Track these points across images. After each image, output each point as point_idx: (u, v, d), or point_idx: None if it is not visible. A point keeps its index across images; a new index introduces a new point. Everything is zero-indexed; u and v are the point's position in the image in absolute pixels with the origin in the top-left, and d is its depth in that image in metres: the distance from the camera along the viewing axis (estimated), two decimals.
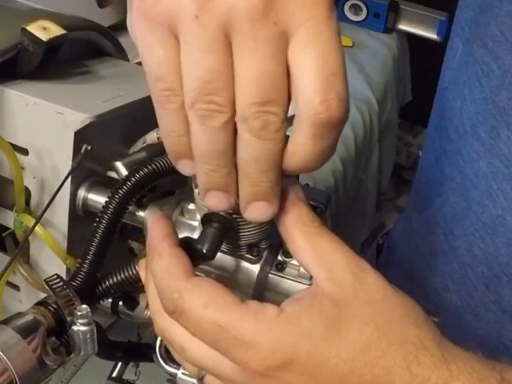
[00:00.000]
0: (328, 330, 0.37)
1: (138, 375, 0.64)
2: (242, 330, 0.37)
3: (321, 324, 0.37)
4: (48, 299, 0.46)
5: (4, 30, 0.56)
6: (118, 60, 0.71)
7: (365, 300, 0.38)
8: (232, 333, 0.37)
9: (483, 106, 0.52)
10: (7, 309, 0.61)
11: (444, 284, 0.59)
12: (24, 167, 0.56)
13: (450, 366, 0.36)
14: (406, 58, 1.73)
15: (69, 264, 0.56)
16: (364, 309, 0.37)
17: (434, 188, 0.59)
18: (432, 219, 0.60)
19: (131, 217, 0.55)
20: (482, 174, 0.53)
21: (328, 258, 0.39)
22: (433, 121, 0.62)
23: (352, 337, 0.37)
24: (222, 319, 0.38)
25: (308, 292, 0.39)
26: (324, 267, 0.39)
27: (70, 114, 0.53)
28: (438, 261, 0.59)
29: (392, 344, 0.37)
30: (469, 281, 0.56)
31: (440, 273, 0.59)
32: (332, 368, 0.37)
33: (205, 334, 0.38)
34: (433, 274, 0.60)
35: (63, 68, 0.62)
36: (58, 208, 0.55)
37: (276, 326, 0.37)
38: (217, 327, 0.38)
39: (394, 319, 0.37)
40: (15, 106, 0.56)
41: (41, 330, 0.44)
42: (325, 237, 0.40)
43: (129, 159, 0.57)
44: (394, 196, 2.35)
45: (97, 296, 0.50)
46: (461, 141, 0.55)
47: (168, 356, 0.53)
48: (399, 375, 0.36)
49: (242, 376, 0.38)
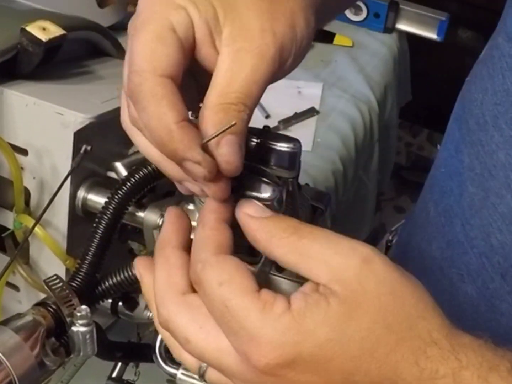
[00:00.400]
0: (333, 331, 0.36)
1: (138, 375, 0.64)
2: (246, 318, 0.37)
3: (326, 324, 0.36)
4: (48, 300, 0.46)
5: (4, 31, 0.56)
6: (118, 60, 0.71)
7: (373, 295, 0.37)
8: (236, 319, 0.37)
9: (504, 98, 0.52)
10: (7, 310, 0.61)
11: (459, 275, 0.58)
12: (24, 168, 0.56)
13: (459, 356, 0.36)
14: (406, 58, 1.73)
15: (68, 264, 0.56)
16: (373, 305, 0.37)
17: (453, 179, 0.59)
18: (450, 209, 0.59)
19: (130, 217, 0.55)
20: (501, 165, 0.53)
21: (324, 261, 0.38)
22: (455, 113, 0.63)
23: (361, 336, 0.36)
24: (231, 303, 0.38)
25: (317, 288, 0.39)
26: (324, 272, 0.38)
27: (70, 115, 0.53)
28: (455, 252, 0.59)
29: (400, 340, 0.36)
30: (485, 271, 0.55)
31: (456, 264, 0.59)
32: (337, 366, 0.36)
33: (214, 311, 0.38)
34: (449, 265, 0.60)
35: (62, 68, 0.62)
36: (57, 209, 0.55)
37: (279, 323, 0.37)
38: (224, 308, 0.37)
39: (403, 313, 0.37)
40: (14, 107, 0.55)
41: (40, 331, 0.44)
42: (307, 240, 0.39)
43: (129, 160, 0.57)
44: (394, 196, 2.34)
45: (96, 297, 0.50)
46: (481, 132, 0.55)
47: (167, 357, 0.53)
48: (407, 370, 0.36)
49: (244, 370, 0.38)
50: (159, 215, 0.54)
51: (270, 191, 0.45)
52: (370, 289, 0.37)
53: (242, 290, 0.38)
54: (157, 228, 0.54)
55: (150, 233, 0.55)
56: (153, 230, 0.55)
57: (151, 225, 0.54)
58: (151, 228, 0.55)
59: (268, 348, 0.36)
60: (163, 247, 0.42)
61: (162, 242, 0.43)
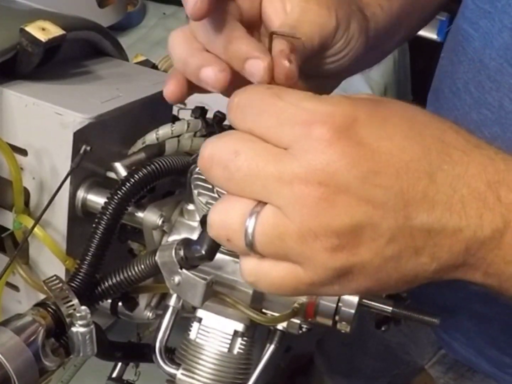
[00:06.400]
0: (380, 103, 0.37)
1: (138, 375, 0.64)
2: (300, 102, 0.36)
3: (372, 100, 0.38)
4: (47, 300, 0.46)
5: (3, 31, 0.56)
6: (118, 60, 0.71)
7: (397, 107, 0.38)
8: (289, 103, 0.36)
9: (470, 66, 0.59)
10: (7, 310, 0.61)
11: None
12: (23, 168, 0.56)
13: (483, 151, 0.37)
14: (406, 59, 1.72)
15: (68, 265, 0.56)
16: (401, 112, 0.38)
17: None
18: None
19: (130, 217, 0.55)
20: (474, 123, 0.59)
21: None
22: (432, 86, 0.70)
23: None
24: (282, 92, 0.37)
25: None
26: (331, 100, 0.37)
27: (69, 115, 0.53)
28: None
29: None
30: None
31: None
32: (395, 123, 0.36)
33: (264, 106, 0.37)
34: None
35: (62, 68, 0.62)
36: (57, 209, 0.55)
37: (331, 98, 0.36)
38: (276, 98, 0.36)
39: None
40: (14, 107, 0.55)
41: (40, 332, 0.43)
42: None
43: (128, 160, 0.57)
44: None
45: (96, 297, 0.50)
46: (455, 98, 0.62)
47: (167, 357, 0.53)
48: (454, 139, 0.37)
49: (312, 155, 0.35)
50: (158, 215, 0.54)
51: None
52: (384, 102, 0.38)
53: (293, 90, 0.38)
54: (156, 228, 0.54)
55: (150, 233, 0.55)
56: (152, 230, 0.55)
57: (150, 225, 0.54)
58: (151, 228, 0.55)
59: (326, 115, 0.35)
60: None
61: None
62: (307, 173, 0.34)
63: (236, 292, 0.52)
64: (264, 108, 0.36)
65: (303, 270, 0.36)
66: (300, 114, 0.35)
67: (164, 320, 0.53)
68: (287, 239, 0.35)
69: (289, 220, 0.35)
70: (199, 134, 0.62)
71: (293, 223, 0.35)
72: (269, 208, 0.36)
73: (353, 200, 0.34)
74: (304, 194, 0.34)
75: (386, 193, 0.35)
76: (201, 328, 0.54)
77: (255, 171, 0.35)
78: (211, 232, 0.38)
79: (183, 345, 0.54)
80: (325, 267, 0.35)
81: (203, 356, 0.53)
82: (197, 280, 0.46)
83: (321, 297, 0.52)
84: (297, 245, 0.35)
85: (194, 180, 0.49)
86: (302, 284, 0.37)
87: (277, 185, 0.35)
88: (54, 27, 0.56)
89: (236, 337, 0.54)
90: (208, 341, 0.53)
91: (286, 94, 0.37)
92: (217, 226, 0.37)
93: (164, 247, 0.48)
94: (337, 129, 0.35)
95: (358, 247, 0.35)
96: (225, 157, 0.36)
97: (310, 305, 0.52)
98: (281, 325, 0.54)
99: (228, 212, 0.37)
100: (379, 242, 0.35)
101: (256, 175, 0.35)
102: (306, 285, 0.37)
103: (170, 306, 0.53)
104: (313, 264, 0.36)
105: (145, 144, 0.59)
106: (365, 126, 0.35)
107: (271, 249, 0.36)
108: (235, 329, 0.54)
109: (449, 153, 0.36)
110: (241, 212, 0.36)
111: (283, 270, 0.37)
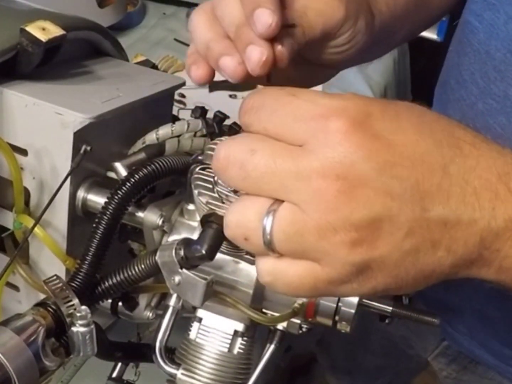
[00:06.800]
0: (388, 101, 0.38)
1: (138, 375, 0.64)
2: (315, 98, 0.36)
3: (380, 99, 0.40)
4: (48, 300, 0.46)
5: (3, 31, 0.56)
6: (118, 60, 0.71)
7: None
8: (304, 100, 0.36)
9: (476, 57, 0.60)
10: (7, 310, 0.61)
11: None
12: (23, 168, 0.56)
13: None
14: (406, 59, 1.72)
15: (68, 265, 0.56)
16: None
17: None
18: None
19: (130, 217, 0.55)
20: (480, 113, 0.60)
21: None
22: (440, 80, 0.72)
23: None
24: (296, 91, 0.37)
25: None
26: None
27: (69, 115, 0.53)
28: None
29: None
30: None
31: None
32: (407, 118, 0.37)
33: (279, 103, 0.37)
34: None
35: (62, 68, 0.62)
36: (57, 209, 0.55)
37: (344, 95, 0.37)
38: (291, 97, 0.37)
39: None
40: (14, 107, 0.55)
41: (40, 331, 0.43)
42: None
43: (129, 160, 0.57)
44: None
45: (96, 297, 0.50)
46: (462, 89, 0.63)
47: (167, 357, 0.53)
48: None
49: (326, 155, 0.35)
50: (158, 215, 0.54)
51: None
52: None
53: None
54: (156, 228, 0.54)
55: (150, 233, 0.55)
56: (153, 230, 0.55)
57: (150, 225, 0.54)
58: (151, 228, 0.55)
59: (340, 109, 0.36)
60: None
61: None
62: (325, 167, 0.35)
63: (236, 292, 0.52)
64: (279, 107, 0.37)
65: (322, 267, 0.36)
66: (315, 109, 0.36)
67: (164, 320, 0.53)
68: (305, 235, 0.35)
69: (307, 216, 0.35)
70: (199, 134, 0.62)
71: (311, 218, 0.35)
72: (286, 206, 0.36)
73: (371, 192, 0.35)
74: (322, 188, 0.34)
75: (402, 185, 0.35)
76: (201, 328, 0.54)
77: (272, 168, 0.36)
78: (228, 232, 0.38)
79: (183, 345, 0.54)
80: (344, 262, 0.35)
81: (203, 356, 0.53)
82: (197, 280, 0.46)
83: (321, 297, 0.52)
84: (316, 241, 0.35)
85: (194, 180, 0.49)
86: (320, 282, 0.37)
87: (295, 181, 0.35)
88: (54, 27, 0.56)
89: (236, 337, 0.54)
90: (208, 341, 0.53)
91: (300, 92, 0.37)
92: (234, 226, 0.37)
93: (164, 247, 0.48)
94: (352, 122, 0.35)
95: (376, 241, 0.35)
96: (241, 156, 0.36)
97: (310, 305, 0.52)
98: (281, 325, 0.54)
99: (245, 212, 0.37)
100: (397, 235, 0.35)
101: (273, 173, 0.36)
102: (324, 283, 0.37)
103: (170, 306, 0.53)
104: (332, 260, 0.36)
105: (145, 144, 0.59)
106: (378, 120, 0.36)
107: (290, 246, 0.36)
108: (235, 329, 0.54)
109: (460, 147, 0.37)
110: (258, 211, 0.36)
111: (301, 268, 0.37)
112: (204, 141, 0.61)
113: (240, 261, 0.52)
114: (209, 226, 0.46)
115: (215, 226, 0.45)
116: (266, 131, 0.37)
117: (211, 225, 0.46)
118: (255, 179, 0.36)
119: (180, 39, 1.37)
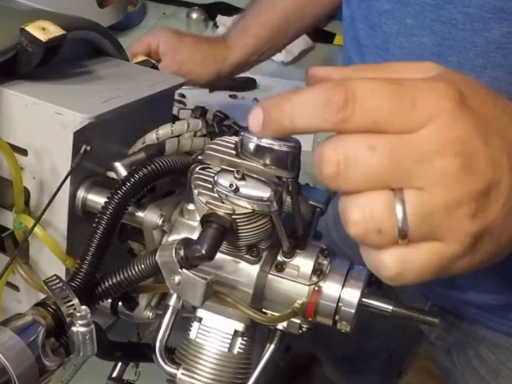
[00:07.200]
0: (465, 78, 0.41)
1: (138, 375, 0.64)
2: (417, 84, 0.38)
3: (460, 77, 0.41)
4: (47, 300, 0.46)
5: (3, 31, 0.56)
6: (118, 60, 0.71)
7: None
8: (411, 88, 0.38)
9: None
10: (7, 310, 0.61)
11: None
12: (23, 168, 0.56)
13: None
14: None
15: (68, 264, 0.56)
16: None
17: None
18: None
19: (130, 217, 0.55)
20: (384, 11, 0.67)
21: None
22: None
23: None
24: (399, 80, 0.38)
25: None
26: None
27: (69, 115, 0.53)
28: None
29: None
30: None
31: None
32: (484, 93, 0.40)
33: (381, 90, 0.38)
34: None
35: (62, 68, 0.62)
36: (57, 209, 0.55)
37: (434, 77, 0.40)
38: (398, 86, 0.38)
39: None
40: (14, 107, 0.55)
41: (40, 331, 0.43)
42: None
43: (129, 160, 0.57)
44: None
45: (96, 297, 0.50)
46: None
47: (167, 356, 0.53)
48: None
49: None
50: (158, 215, 0.54)
51: (270, 191, 0.45)
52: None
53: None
54: (156, 228, 0.55)
55: (150, 233, 0.55)
56: (152, 230, 0.55)
57: (150, 225, 0.54)
58: (151, 228, 0.55)
59: (444, 87, 0.38)
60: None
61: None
62: (445, 146, 0.37)
63: (236, 292, 0.52)
64: (387, 96, 0.37)
65: (446, 244, 0.38)
66: (424, 94, 0.37)
67: (164, 320, 0.53)
68: (435, 215, 0.37)
69: (435, 196, 0.37)
70: (199, 134, 0.62)
71: (438, 198, 0.37)
72: (410, 192, 0.37)
73: (482, 163, 0.37)
74: (444, 167, 0.37)
75: (501, 153, 0.38)
76: (201, 328, 0.54)
77: (397, 159, 0.37)
78: (355, 229, 0.38)
79: (183, 345, 0.54)
80: (467, 234, 0.38)
81: (203, 356, 0.53)
82: (197, 279, 0.46)
83: (321, 297, 0.52)
84: (444, 218, 0.37)
85: (194, 180, 0.49)
86: (445, 260, 0.39)
87: (419, 166, 0.37)
88: (54, 27, 0.56)
89: (236, 337, 0.54)
90: (208, 340, 0.53)
91: (403, 80, 0.38)
92: (364, 221, 0.38)
93: (164, 247, 0.48)
94: (458, 101, 0.38)
95: (488, 208, 0.38)
96: (362, 155, 0.37)
97: (310, 305, 0.52)
98: (281, 325, 0.54)
99: (371, 207, 0.38)
100: (501, 201, 0.38)
101: (398, 164, 0.37)
102: (448, 261, 0.39)
103: (170, 306, 0.53)
104: (457, 234, 0.38)
105: (145, 144, 0.59)
106: (468, 96, 0.38)
107: (422, 229, 0.38)
108: (235, 328, 0.54)
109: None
110: (385, 203, 0.37)
111: (427, 251, 0.38)
112: (204, 141, 0.62)
113: (240, 261, 0.52)
114: (209, 226, 0.46)
115: (215, 226, 0.45)
116: (376, 123, 0.37)
117: (211, 225, 0.46)
118: (381, 175, 0.37)
119: None
